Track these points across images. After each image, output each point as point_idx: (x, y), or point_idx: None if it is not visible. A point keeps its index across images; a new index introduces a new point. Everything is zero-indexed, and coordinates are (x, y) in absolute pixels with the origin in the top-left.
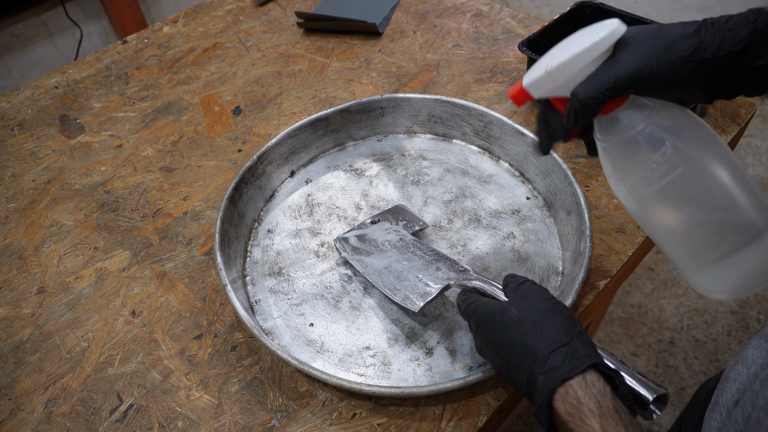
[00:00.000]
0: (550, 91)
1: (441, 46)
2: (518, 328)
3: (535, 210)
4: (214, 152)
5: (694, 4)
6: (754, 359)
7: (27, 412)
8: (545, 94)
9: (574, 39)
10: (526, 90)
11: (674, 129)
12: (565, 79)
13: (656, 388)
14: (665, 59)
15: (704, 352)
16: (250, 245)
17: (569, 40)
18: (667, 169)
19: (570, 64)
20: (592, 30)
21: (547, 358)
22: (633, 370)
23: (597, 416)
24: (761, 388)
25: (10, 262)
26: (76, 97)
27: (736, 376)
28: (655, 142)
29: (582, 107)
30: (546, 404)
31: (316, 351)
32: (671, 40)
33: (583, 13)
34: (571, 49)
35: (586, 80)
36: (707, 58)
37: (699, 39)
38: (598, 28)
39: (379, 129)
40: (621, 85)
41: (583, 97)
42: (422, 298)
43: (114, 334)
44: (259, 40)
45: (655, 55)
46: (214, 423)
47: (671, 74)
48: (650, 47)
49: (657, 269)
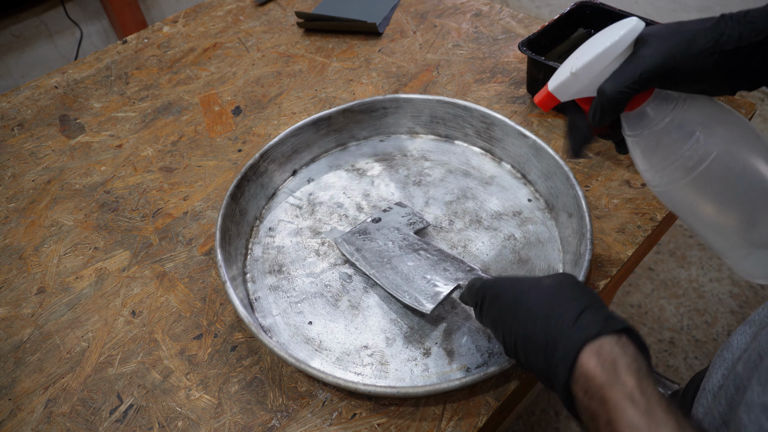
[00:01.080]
0: (577, 93)
1: (441, 46)
2: (547, 291)
3: (536, 212)
4: (214, 152)
5: (694, 4)
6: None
7: (27, 412)
8: (572, 96)
9: (596, 40)
10: (552, 94)
11: (703, 116)
12: (591, 79)
13: (671, 384)
14: (687, 52)
15: (704, 352)
16: (250, 243)
17: (590, 42)
18: (702, 156)
19: (594, 64)
20: (611, 30)
21: (578, 317)
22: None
23: (634, 372)
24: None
25: (10, 262)
26: (76, 97)
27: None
28: (685, 131)
29: (609, 102)
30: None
31: (314, 349)
32: (692, 34)
33: (583, 13)
34: (593, 49)
35: (611, 77)
36: (728, 50)
37: (719, 31)
38: (618, 27)
39: (382, 129)
40: (646, 78)
41: (610, 92)
42: (432, 299)
43: (114, 334)
44: (259, 40)
45: (677, 49)
46: (214, 423)
47: (694, 66)
48: (672, 41)
49: (657, 269)
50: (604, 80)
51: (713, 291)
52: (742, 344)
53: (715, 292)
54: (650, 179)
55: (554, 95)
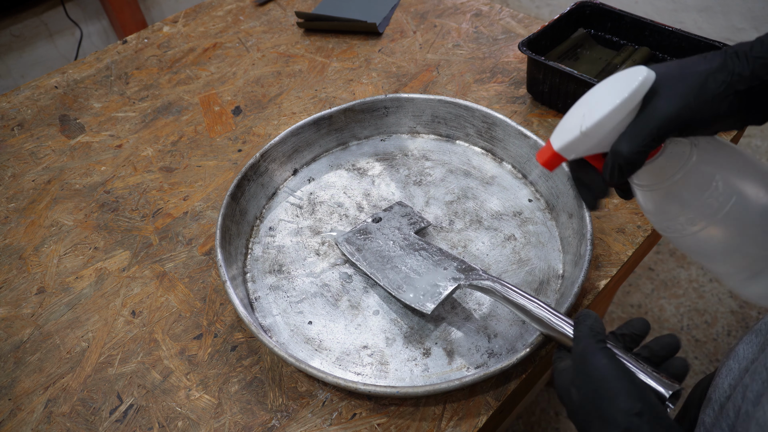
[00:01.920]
0: (587, 151)
1: (441, 46)
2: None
3: (536, 212)
4: (214, 152)
5: (694, 4)
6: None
7: (27, 412)
8: (581, 154)
9: (602, 92)
10: (559, 153)
11: (717, 161)
12: (602, 137)
13: (671, 384)
14: (701, 98)
15: (704, 352)
16: (251, 242)
17: (595, 94)
18: (723, 201)
19: (606, 121)
20: (620, 80)
21: None
22: (648, 367)
23: None
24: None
25: (10, 262)
26: (76, 97)
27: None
28: (703, 180)
29: (627, 163)
30: None
31: (314, 349)
32: (701, 78)
33: (583, 13)
34: (601, 105)
35: (626, 135)
36: (742, 90)
37: (729, 72)
38: (627, 78)
39: (383, 129)
40: (663, 134)
41: (628, 153)
42: (433, 299)
43: (114, 334)
44: (259, 40)
45: (690, 97)
46: (214, 423)
47: (709, 112)
48: (682, 89)
49: (657, 269)
50: (616, 137)
51: (713, 291)
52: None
53: (715, 292)
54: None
55: (561, 155)
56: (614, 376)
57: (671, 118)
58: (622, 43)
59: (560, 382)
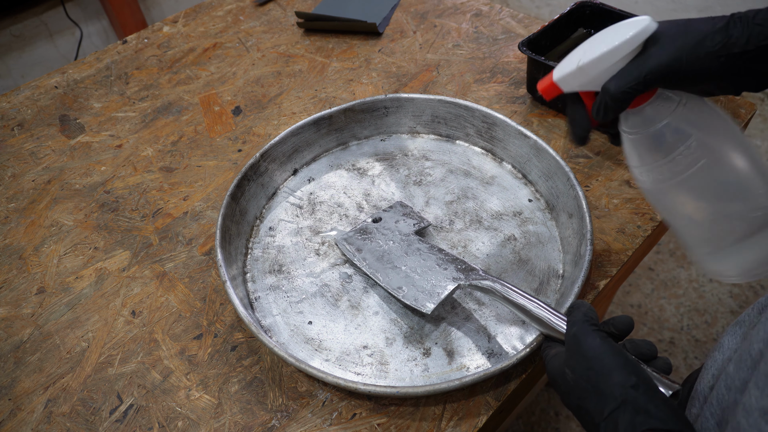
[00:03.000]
0: (581, 86)
1: (441, 46)
2: (575, 391)
3: (536, 212)
4: (214, 152)
5: (694, 3)
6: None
7: (27, 412)
8: (575, 88)
9: (606, 35)
10: (556, 84)
11: (698, 122)
12: (596, 74)
13: (671, 384)
14: (694, 54)
15: (704, 352)
16: (251, 242)
17: (600, 36)
18: (691, 161)
19: (602, 60)
20: (623, 26)
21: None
22: (647, 367)
23: None
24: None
25: (10, 262)
26: (76, 97)
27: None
28: (680, 135)
29: (613, 101)
30: None
31: (314, 349)
32: (700, 36)
33: (583, 13)
34: (603, 45)
35: (617, 75)
36: (735, 53)
37: (727, 34)
38: (630, 24)
39: (383, 129)
40: (651, 80)
41: (615, 91)
42: (433, 299)
43: (114, 334)
44: (259, 40)
45: (684, 50)
46: (214, 423)
47: (700, 68)
48: (679, 42)
49: (657, 269)
50: (609, 77)
51: (713, 291)
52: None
53: (715, 292)
54: (638, 175)
55: (558, 85)
56: (608, 354)
57: (661, 67)
58: None
59: (552, 366)
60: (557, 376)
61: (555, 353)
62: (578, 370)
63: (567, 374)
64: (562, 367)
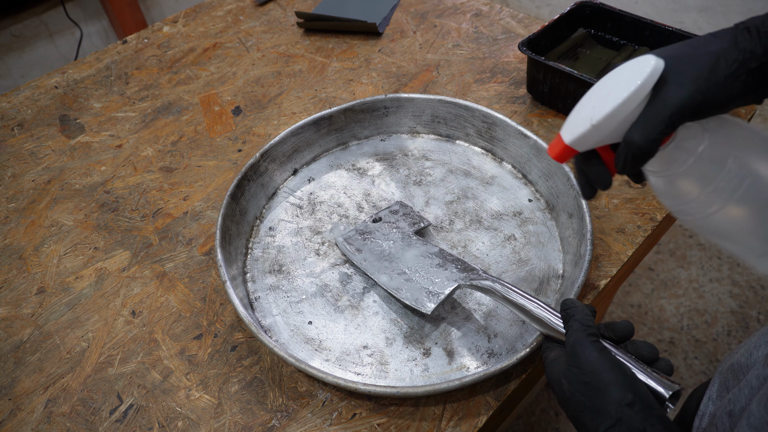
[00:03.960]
0: (597, 143)
1: (441, 46)
2: (572, 403)
3: (536, 212)
4: (214, 152)
5: (694, 3)
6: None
7: (27, 412)
8: (592, 146)
9: (611, 83)
10: (570, 146)
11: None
12: (612, 129)
13: (671, 384)
14: (713, 81)
15: (704, 352)
16: (251, 242)
17: (605, 85)
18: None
19: (615, 114)
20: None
21: None
22: (647, 368)
23: None
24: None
25: (10, 262)
26: (76, 97)
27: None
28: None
29: (640, 151)
30: None
31: (314, 349)
32: (712, 59)
33: (583, 13)
34: (613, 96)
35: (638, 124)
36: (754, 67)
37: (740, 50)
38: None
39: (383, 129)
40: (677, 120)
41: (641, 142)
42: (433, 299)
43: (114, 334)
44: (259, 40)
45: (702, 79)
46: (214, 423)
47: (723, 94)
48: (694, 73)
49: (657, 269)
50: (627, 128)
51: (713, 291)
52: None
53: (715, 292)
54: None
55: (572, 147)
56: (605, 368)
57: (684, 104)
58: (622, 43)
59: (551, 371)
60: (555, 384)
61: (554, 357)
62: (574, 383)
63: (564, 385)
64: (559, 376)
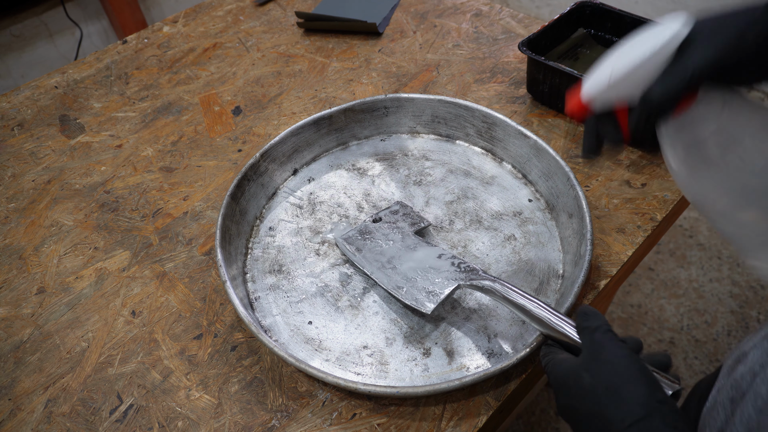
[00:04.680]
0: (614, 100)
1: (441, 46)
2: (592, 396)
3: (536, 212)
4: (214, 152)
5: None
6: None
7: (27, 412)
8: (607, 105)
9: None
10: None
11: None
12: (632, 87)
13: (672, 384)
14: (739, 46)
15: (704, 352)
16: (251, 242)
17: (628, 45)
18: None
19: (636, 71)
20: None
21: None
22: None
23: None
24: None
25: (10, 262)
26: (76, 97)
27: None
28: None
29: (657, 109)
30: None
31: (314, 349)
32: (740, 30)
33: (583, 13)
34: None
35: (658, 81)
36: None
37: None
38: (662, 28)
39: (383, 129)
40: (698, 77)
41: (659, 97)
42: (433, 299)
43: (114, 334)
44: (259, 40)
45: (728, 44)
46: (214, 423)
47: (748, 60)
48: (722, 34)
49: (657, 269)
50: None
51: (713, 291)
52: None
53: (715, 292)
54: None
55: (589, 106)
56: (635, 364)
57: (708, 64)
58: None
59: (562, 368)
60: (567, 379)
61: (564, 357)
62: (601, 375)
63: (584, 378)
64: (576, 370)
